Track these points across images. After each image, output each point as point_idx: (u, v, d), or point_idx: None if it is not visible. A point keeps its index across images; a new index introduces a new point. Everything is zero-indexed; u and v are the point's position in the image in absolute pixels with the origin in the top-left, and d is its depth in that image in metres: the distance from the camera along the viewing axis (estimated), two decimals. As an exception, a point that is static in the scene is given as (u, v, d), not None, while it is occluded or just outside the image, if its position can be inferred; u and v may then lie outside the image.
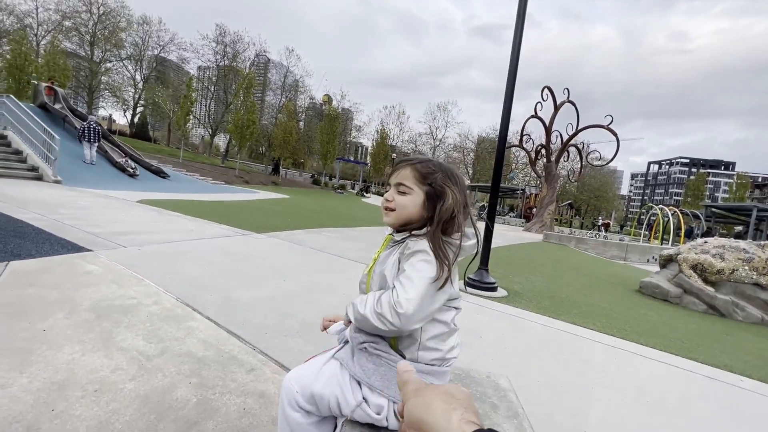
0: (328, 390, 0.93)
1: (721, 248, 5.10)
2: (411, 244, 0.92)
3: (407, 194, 0.98)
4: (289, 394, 0.95)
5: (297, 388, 0.95)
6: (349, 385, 0.92)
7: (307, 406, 0.94)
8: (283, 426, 0.97)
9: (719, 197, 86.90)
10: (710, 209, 28.67)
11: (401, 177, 0.99)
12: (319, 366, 0.99)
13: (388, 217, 1.01)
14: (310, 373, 0.97)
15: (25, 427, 1.32)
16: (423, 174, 0.98)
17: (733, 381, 2.52)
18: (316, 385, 0.94)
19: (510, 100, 4.38)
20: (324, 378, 0.95)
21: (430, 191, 0.97)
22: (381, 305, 0.85)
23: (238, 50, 37.83)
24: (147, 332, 2.10)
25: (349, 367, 0.94)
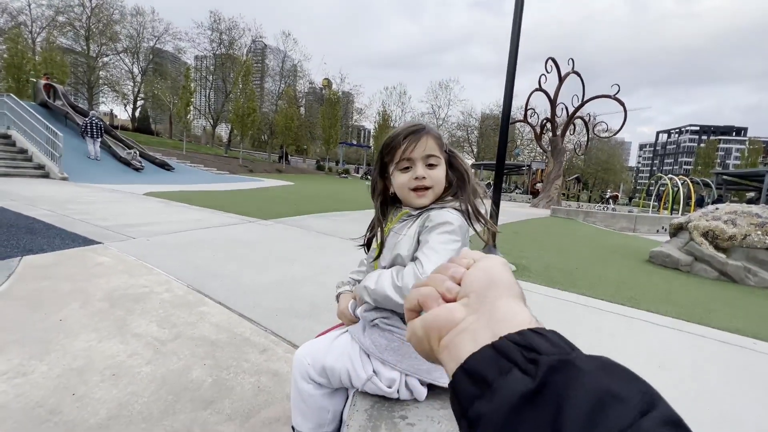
0: (339, 363, 0.93)
1: (733, 214, 5.00)
2: (434, 215, 0.88)
3: (437, 166, 0.91)
4: (301, 367, 0.96)
5: (309, 361, 0.96)
6: (359, 359, 0.93)
7: (319, 378, 0.95)
8: (296, 398, 0.98)
9: (731, 164, 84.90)
10: (721, 177, 28.06)
11: (429, 148, 0.90)
12: (331, 340, 1.00)
13: (424, 197, 0.91)
14: (321, 347, 0.98)
15: (48, 411, 1.36)
16: (441, 141, 0.92)
17: (745, 344, 2.51)
18: (328, 358, 0.94)
19: (513, 74, 4.25)
20: (335, 351, 0.96)
21: (446, 158, 0.93)
22: (403, 279, 0.81)
23: (234, 37, 37.14)
24: (160, 318, 2.14)
25: (360, 341, 0.94)
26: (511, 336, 0.24)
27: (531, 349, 0.23)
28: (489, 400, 0.22)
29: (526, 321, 0.26)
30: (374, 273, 0.91)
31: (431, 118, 47.77)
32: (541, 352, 0.23)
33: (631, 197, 47.49)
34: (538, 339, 0.24)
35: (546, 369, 0.22)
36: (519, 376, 0.22)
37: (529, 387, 0.21)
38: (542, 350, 0.23)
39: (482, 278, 0.29)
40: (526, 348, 0.23)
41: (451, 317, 0.28)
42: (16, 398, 1.40)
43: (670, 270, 5.00)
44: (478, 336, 0.26)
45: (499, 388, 0.22)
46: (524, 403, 0.21)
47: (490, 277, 0.29)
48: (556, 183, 17.85)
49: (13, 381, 1.50)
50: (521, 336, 0.24)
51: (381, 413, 0.89)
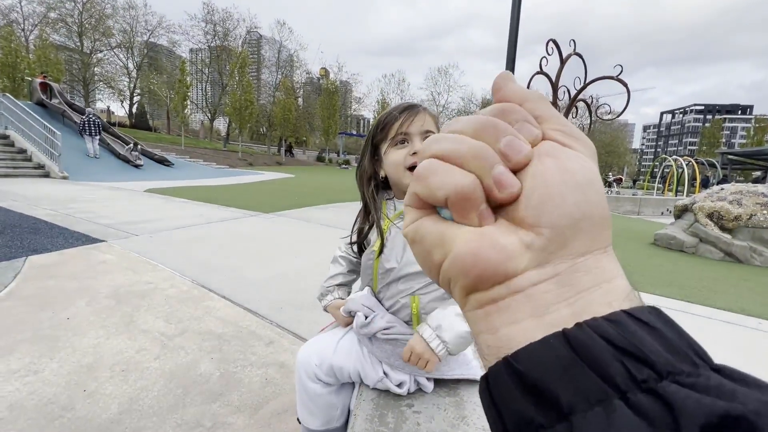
0: (348, 363, 0.92)
1: (739, 194, 4.95)
2: None
3: None
4: (307, 367, 0.94)
5: (316, 361, 0.94)
6: (369, 360, 0.92)
7: (326, 378, 0.94)
8: (303, 397, 0.97)
9: (736, 143, 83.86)
10: (726, 156, 27.75)
11: (427, 124, 0.84)
12: (336, 339, 0.98)
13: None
14: (327, 346, 0.96)
15: (60, 407, 1.38)
16: (437, 121, 0.87)
17: (751, 324, 2.50)
18: (336, 358, 0.93)
19: (513, 57, 4.17)
20: (343, 351, 0.94)
21: None
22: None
23: (229, 28, 36.62)
24: (166, 314, 2.15)
25: (368, 346, 0.94)
26: (600, 325, 0.15)
27: (639, 358, 0.14)
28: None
29: (622, 294, 0.17)
30: (439, 313, 0.84)
31: (431, 104, 47.24)
32: (658, 369, 0.14)
33: (635, 179, 47.18)
34: (648, 336, 0.14)
35: (689, 424, 0.12)
36: (626, 418, 0.13)
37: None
38: (659, 365, 0.14)
39: (568, 201, 0.17)
40: (631, 355, 0.14)
41: (504, 268, 0.17)
42: (29, 396, 1.42)
43: (675, 252, 4.99)
44: (547, 311, 0.16)
45: (583, 428, 0.13)
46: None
47: (583, 203, 0.17)
48: (558, 167, 17.72)
49: (24, 379, 1.52)
50: (618, 328, 0.15)
51: (387, 402, 0.89)
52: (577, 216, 0.17)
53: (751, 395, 0.13)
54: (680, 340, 0.15)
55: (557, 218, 0.17)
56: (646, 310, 0.16)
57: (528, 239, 0.17)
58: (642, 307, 0.16)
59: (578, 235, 0.17)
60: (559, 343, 0.15)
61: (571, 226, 0.17)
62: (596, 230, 0.17)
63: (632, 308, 0.16)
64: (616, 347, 0.14)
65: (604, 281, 0.17)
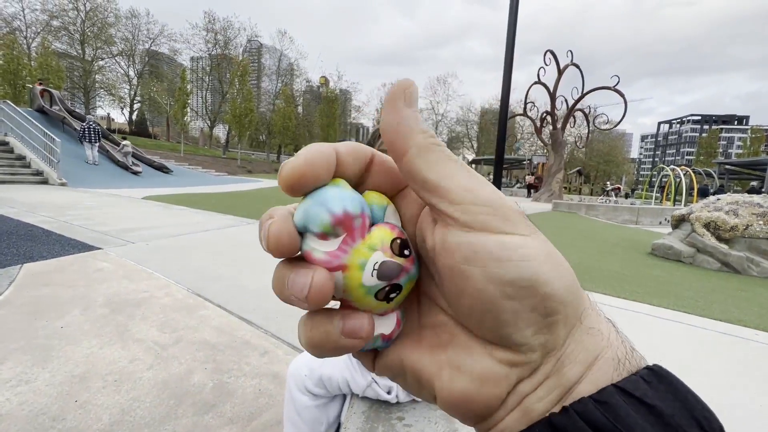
0: (336, 372, 0.94)
1: (735, 204, 4.98)
2: None
3: None
4: (297, 379, 0.96)
5: (306, 372, 0.96)
6: (357, 367, 0.93)
7: (316, 389, 0.95)
8: (290, 411, 0.98)
9: (733, 153, 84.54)
10: (723, 166, 27.95)
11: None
12: None
13: None
14: (316, 358, 0.98)
15: (51, 418, 1.37)
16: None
17: (747, 335, 2.50)
18: (325, 368, 0.95)
19: (510, 67, 4.23)
20: (331, 362, 0.96)
21: None
22: None
23: (230, 37, 37.08)
24: (161, 323, 2.14)
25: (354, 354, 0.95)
26: (587, 410, 0.14)
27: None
28: None
29: (611, 365, 0.15)
30: None
31: (430, 114, 47.65)
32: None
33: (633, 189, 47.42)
34: (640, 418, 0.13)
35: None
36: None
37: None
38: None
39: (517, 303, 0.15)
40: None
41: (497, 399, 0.16)
42: (20, 406, 1.41)
43: (672, 262, 4.99)
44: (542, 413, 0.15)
45: None
46: None
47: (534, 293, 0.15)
48: (557, 176, 17.81)
49: (16, 389, 1.50)
50: (606, 409, 0.14)
51: (378, 415, 0.89)
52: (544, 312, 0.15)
53: None
54: (682, 414, 0.14)
55: (525, 327, 0.15)
56: (642, 379, 0.15)
57: (507, 357, 0.16)
58: (635, 378, 0.15)
59: (559, 324, 0.15)
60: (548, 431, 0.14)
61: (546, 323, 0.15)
62: (562, 308, 0.15)
63: (626, 380, 0.15)
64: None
65: (592, 362, 0.15)
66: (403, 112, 0.16)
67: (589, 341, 0.15)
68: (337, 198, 0.16)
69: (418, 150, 0.16)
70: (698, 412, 0.14)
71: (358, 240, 0.16)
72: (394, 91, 0.17)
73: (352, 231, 0.16)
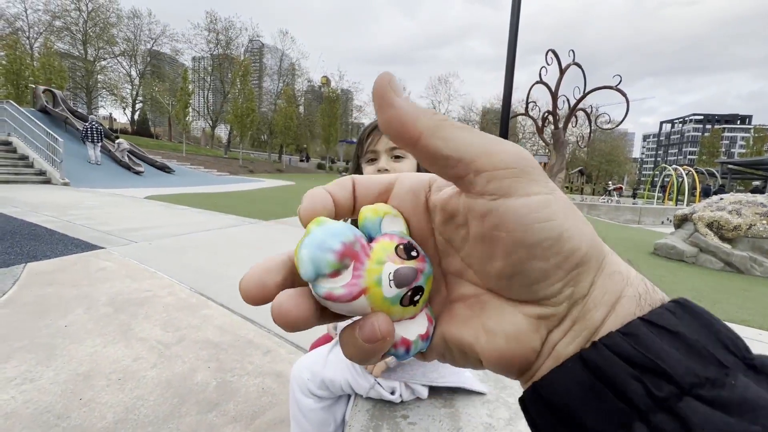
0: (339, 375, 0.93)
1: (738, 204, 4.96)
2: None
3: (405, 158, 0.87)
4: (300, 382, 0.96)
5: (308, 376, 0.95)
6: (359, 370, 0.93)
7: (319, 391, 0.94)
8: (295, 412, 0.97)
9: (736, 153, 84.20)
10: (726, 166, 27.84)
11: None
12: (326, 353, 0.99)
13: None
14: (318, 360, 0.97)
15: (55, 416, 1.37)
16: None
17: (751, 335, 2.49)
18: (327, 371, 0.94)
19: (512, 66, 4.22)
20: (333, 364, 0.95)
21: None
22: None
23: (231, 37, 37.15)
24: (164, 322, 2.15)
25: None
26: (616, 342, 0.14)
27: (657, 372, 0.13)
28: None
29: (634, 303, 0.16)
30: None
31: (431, 113, 47.50)
32: (679, 383, 0.13)
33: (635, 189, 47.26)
34: (667, 345, 0.14)
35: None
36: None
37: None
38: (679, 377, 0.13)
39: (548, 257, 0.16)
40: (649, 371, 0.13)
41: (533, 352, 0.17)
42: (24, 404, 1.42)
43: (675, 262, 4.98)
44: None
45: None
46: None
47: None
48: (559, 176, 17.77)
49: (20, 387, 1.51)
50: (634, 341, 0.14)
51: (383, 413, 0.89)
52: (573, 261, 0.15)
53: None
54: (708, 337, 0.14)
55: (555, 280, 0.16)
56: (668, 311, 0.15)
57: (537, 312, 0.16)
58: (661, 310, 0.15)
59: (583, 275, 0.16)
60: (578, 367, 0.15)
61: (575, 272, 0.16)
62: (586, 260, 0.16)
63: (651, 313, 0.15)
64: (633, 364, 0.14)
65: (615, 302, 0.16)
66: (397, 102, 0.16)
67: (610, 284, 0.16)
68: (328, 235, 0.16)
69: (429, 131, 0.16)
70: (723, 335, 0.14)
71: (365, 261, 0.17)
72: (379, 87, 0.16)
73: (356, 256, 0.17)
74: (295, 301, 0.16)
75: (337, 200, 0.19)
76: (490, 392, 0.97)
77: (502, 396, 0.96)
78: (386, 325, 0.17)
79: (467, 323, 0.18)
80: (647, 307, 0.16)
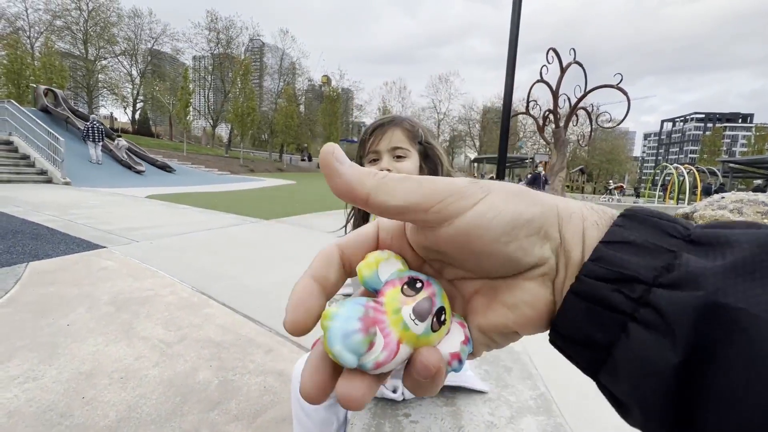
0: None
1: (739, 203, 4.95)
2: None
3: (407, 158, 0.86)
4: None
5: None
6: None
7: None
8: (298, 411, 0.97)
9: (737, 152, 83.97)
10: (727, 165, 27.78)
11: (395, 140, 0.87)
12: None
13: None
14: None
15: (58, 414, 1.38)
16: (413, 133, 0.88)
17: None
18: None
19: (513, 65, 4.22)
20: None
21: (421, 150, 0.89)
22: None
23: (232, 36, 37.12)
24: (166, 321, 2.15)
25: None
26: (591, 270, 0.17)
27: (627, 278, 0.16)
28: (616, 378, 0.16)
29: (595, 228, 0.19)
30: None
31: (432, 112, 47.62)
32: (644, 280, 0.16)
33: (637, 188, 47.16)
34: (626, 254, 0.16)
35: (684, 325, 0.14)
36: (642, 335, 0.15)
37: (671, 362, 0.14)
38: (643, 276, 0.16)
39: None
40: (621, 280, 0.16)
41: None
42: (27, 403, 1.42)
43: (675, 260, 4.98)
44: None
45: (625, 360, 0.16)
46: (677, 383, 0.14)
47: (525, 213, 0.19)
48: (560, 175, 17.76)
49: (23, 386, 1.52)
50: (602, 263, 0.17)
51: (385, 411, 0.89)
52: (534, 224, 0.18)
53: (711, 270, 0.14)
54: (653, 234, 0.17)
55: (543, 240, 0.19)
56: (617, 226, 0.18)
57: (536, 273, 0.19)
58: (614, 228, 0.18)
59: (549, 230, 0.19)
60: (574, 300, 0.17)
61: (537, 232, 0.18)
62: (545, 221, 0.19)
63: (606, 234, 0.18)
64: (608, 281, 0.16)
65: (582, 237, 0.18)
66: (342, 169, 0.19)
67: (573, 226, 0.19)
68: (345, 323, 0.17)
69: (374, 190, 0.19)
70: (664, 225, 0.17)
71: (385, 318, 0.18)
72: (324, 158, 0.19)
73: (376, 320, 0.18)
74: (354, 386, 0.17)
75: (327, 283, 0.20)
76: (491, 391, 0.97)
77: (503, 394, 0.97)
78: (432, 355, 0.18)
79: (491, 309, 0.20)
80: (605, 229, 0.18)
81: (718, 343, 0.13)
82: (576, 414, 1.46)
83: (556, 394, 1.07)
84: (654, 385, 0.15)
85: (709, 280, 0.14)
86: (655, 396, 0.15)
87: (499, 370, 1.04)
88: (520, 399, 0.96)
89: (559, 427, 0.89)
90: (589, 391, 1.75)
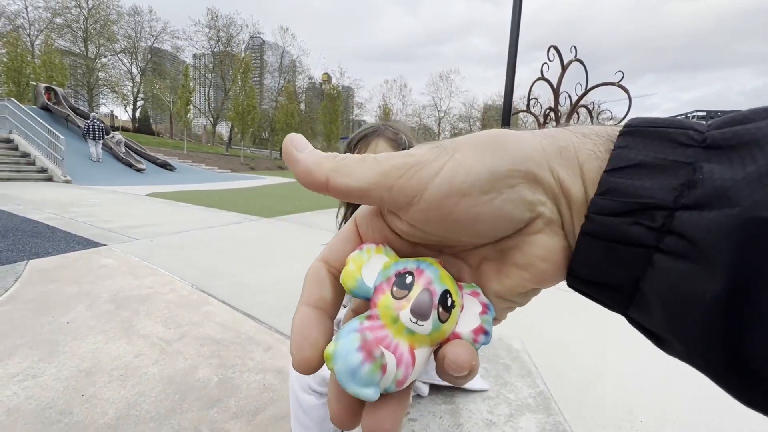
0: None
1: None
2: None
3: None
4: (300, 379, 0.95)
5: None
6: None
7: (320, 388, 0.94)
8: (297, 410, 0.97)
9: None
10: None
11: (380, 150, 0.87)
12: None
13: None
14: None
15: (58, 412, 1.38)
16: (396, 141, 0.88)
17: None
18: (326, 367, 0.93)
19: (513, 63, 4.21)
20: None
21: None
22: None
23: (232, 34, 37.05)
24: (165, 319, 2.15)
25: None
26: (601, 206, 0.15)
27: (644, 207, 0.14)
28: (648, 312, 0.15)
29: (595, 160, 0.16)
30: None
31: (433, 110, 47.55)
32: (664, 205, 0.14)
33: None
34: (637, 180, 0.15)
35: (721, 250, 0.12)
36: (669, 265, 0.13)
37: (712, 290, 0.12)
38: (661, 200, 0.14)
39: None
40: (637, 211, 0.14)
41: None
42: (27, 400, 1.43)
43: (675, 258, 4.98)
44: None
45: (656, 293, 0.14)
46: (720, 312, 0.12)
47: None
48: (559, 173, 17.75)
49: (23, 383, 1.52)
50: (612, 195, 0.15)
51: (384, 410, 0.89)
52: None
53: (743, 180, 0.12)
54: (664, 148, 0.15)
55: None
56: (620, 148, 0.15)
57: (542, 223, 0.17)
58: (614, 153, 0.16)
59: (537, 172, 0.17)
60: (588, 241, 0.16)
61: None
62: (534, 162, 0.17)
63: (610, 160, 0.16)
64: (623, 214, 0.14)
65: (581, 172, 0.17)
66: (301, 156, 0.18)
67: (565, 161, 0.17)
68: (348, 357, 0.16)
69: (333, 172, 0.17)
70: (674, 134, 0.15)
71: (386, 332, 0.17)
72: (284, 148, 0.18)
73: (379, 340, 0.16)
74: (380, 417, 0.17)
75: (324, 304, 0.19)
76: (490, 389, 0.97)
77: (502, 392, 0.96)
78: (460, 352, 0.17)
79: (503, 274, 0.19)
80: (606, 155, 0.16)
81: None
82: (575, 412, 1.46)
83: (555, 392, 1.06)
84: (695, 316, 0.13)
85: (742, 193, 0.12)
86: (697, 327, 0.13)
87: (499, 368, 1.04)
88: (519, 397, 0.96)
89: (558, 426, 0.88)
90: (588, 389, 1.75)
